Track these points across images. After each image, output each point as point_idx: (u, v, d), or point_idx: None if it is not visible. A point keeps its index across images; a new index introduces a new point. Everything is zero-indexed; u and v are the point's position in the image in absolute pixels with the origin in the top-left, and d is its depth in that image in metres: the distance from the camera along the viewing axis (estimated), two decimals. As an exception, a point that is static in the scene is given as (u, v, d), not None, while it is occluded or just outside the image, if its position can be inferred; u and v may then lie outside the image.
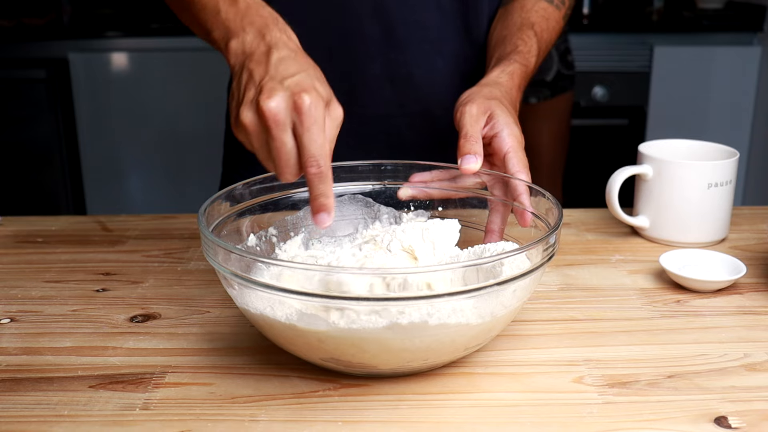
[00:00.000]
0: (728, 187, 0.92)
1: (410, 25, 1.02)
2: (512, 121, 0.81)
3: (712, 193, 0.91)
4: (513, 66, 0.91)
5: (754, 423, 0.59)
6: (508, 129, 0.80)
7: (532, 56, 0.95)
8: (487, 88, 0.86)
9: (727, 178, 0.91)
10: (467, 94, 0.85)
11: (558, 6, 1.04)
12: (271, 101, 0.63)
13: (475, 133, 0.79)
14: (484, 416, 0.60)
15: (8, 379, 0.66)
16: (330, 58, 1.02)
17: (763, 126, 2.58)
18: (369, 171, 0.83)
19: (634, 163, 0.96)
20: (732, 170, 0.92)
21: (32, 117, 2.59)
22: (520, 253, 0.63)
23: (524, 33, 0.97)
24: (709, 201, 0.91)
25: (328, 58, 1.02)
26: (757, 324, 0.75)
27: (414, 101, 1.06)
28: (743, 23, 2.60)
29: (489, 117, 0.81)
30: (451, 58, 1.05)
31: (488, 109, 0.81)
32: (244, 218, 0.77)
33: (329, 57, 1.02)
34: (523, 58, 0.93)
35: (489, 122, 0.81)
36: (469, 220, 0.81)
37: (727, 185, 0.92)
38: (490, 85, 0.87)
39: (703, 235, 0.93)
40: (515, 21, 1.00)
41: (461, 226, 0.74)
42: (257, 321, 0.65)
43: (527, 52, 0.94)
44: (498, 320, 0.64)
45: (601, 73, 2.53)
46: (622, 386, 0.64)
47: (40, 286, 0.84)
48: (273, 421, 0.60)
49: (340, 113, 0.68)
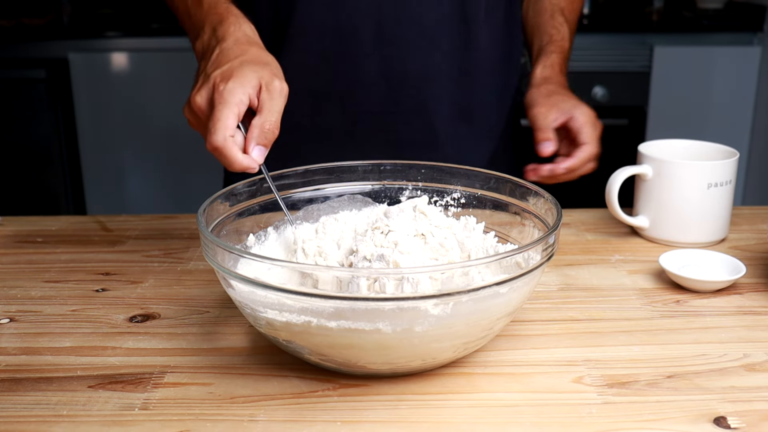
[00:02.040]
0: (728, 187, 0.92)
1: (405, 21, 1.02)
2: (576, 102, 0.98)
3: (711, 193, 0.91)
4: (552, 57, 1.06)
5: (753, 423, 0.59)
6: (578, 110, 0.97)
7: (566, 41, 1.10)
8: (542, 88, 1.02)
9: (727, 178, 0.91)
10: (530, 99, 1.01)
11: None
12: (197, 95, 0.75)
13: (547, 125, 0.96)
14: (484, 416, 0.60)
15: (7, 379, 0.66)
16: (324, 55, 1.02)
17: (763, 126, 2.58)
18: (369, 171, 0.83)
19: (634, 163, 0.96)
20: (732, 170, 0.92)
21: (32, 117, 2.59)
22: (520, 253, 0.63)
23: (555, 20, 1.11)
24: (709, 201, 0.91)
25: (322, 56, 1.02)
26: (756, 324, 0.75)
27: (409, 98, 1.06)
28: (743, 23, 2.60)
29: (557, 110, 0.97)
30: (448, 53, 1.05)
31: (553, 104, 0.98)
32: (243, 218, 0.77)
33: (324, 54, 1.02)
34: (558, 47, 1.08)
35: (558, 113, 0.97)
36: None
37: (726, 185, 0.91)
38: (543, 84, 1.03)
39: (703, 235, 0.93)
40: (546, 7, 1.13)
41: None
42: (256, 321, 0.65)
43: (561, 39, 1.09)
44: (496, 320, 0.64)
45: (601, 73, 2.53)
46: (622, 386, 0.64)
47: (40, 286, 0.84)
48: (272, 421, 0.60)
49: (281, 89, 0.75)
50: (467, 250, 0.73)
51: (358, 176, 0.83)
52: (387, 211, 0.76)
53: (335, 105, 1.06)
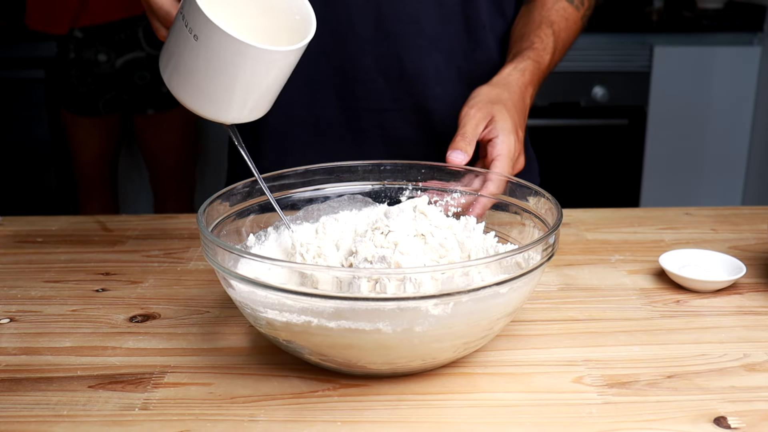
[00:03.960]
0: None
1: (403, 18, 1.02)
2: (510, 128, 0.86)
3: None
4: (525, 62, 0.96)
5: (753, 423, 0.59)
6: (503, 136, 0.85)
7: (547, 54, 0.99)
8: (495, 90, 0.91)
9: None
10: (475, 95, 0.90)
11: (577, 7, 1.07)
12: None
13: (471, 135, 0.85)
14: (484, 416, 0.60)
15: (8, 379, 0.66)
16: (323, 51, 1.02)
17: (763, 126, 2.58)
18: (369, 171, 0.83)
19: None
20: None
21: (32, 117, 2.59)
22: (520, 253, 0.63)
23: (542, 31, 1.01)
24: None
25: (321, 51, 1.02)
26: (756, 324, 0.75)
27: (408, 96, 1.06)
28: (743, 23, 2.60)
29: (489, 121, 0.86)
30: (448, 53, 1.05)
31: (490, 114, 0.87)
32: (243, 218, 0.77)
33: (322, 50, 1.02)
34: (537, 55, 0.98)
35: (488, 126, 0.86)
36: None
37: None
38: (500, 85, 0.92)
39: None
40: (534, 18, 1.04)
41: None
42: (257, 321, 0.65)
43: (542, 50, 0.99)
44: (496, 320, 0.64)
45: (601, 73, 2.53)
46: (622, 386, 0.64)
47: (40, 286, 0.84)
48: (272, 421, 0.60)
49: None
50: (467, 250, 0.73)
51: (358, 176, 0.83)
52: (387, 212, 0.76)
53: (333, 99, 1.06)
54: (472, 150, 0.84)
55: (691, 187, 2.64)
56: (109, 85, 2.16)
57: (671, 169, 2.59)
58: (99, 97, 2.17)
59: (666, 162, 2.58)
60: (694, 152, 2.60)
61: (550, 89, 2.48)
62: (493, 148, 0.85)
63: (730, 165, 2.64)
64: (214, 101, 0.71)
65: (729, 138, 2.61)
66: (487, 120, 0.86)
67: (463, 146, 0.83)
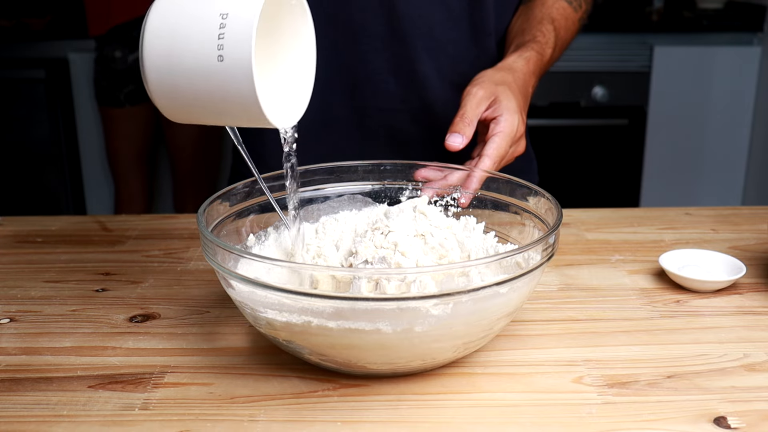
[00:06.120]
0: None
1: (415, 20, 1.02)
2: (514, 107, 0.85)
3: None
4: (529, 53, 0.96)
5: (753, 423, 0.59)
6: (507, 114, 0.84)
7: (549, 47, 1.00)
8: (500, 73, 0.90)
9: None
10: (479, 76, 0.89)
11: (576, 8, 1.07)
12: None
13: (471, 115, 0.84)
14: (484, 416, 0.60)
15: (7, 379, 0.66)
16: (334, 49, 1.02)
17: (763, 126, 2.58)
18: (369, 171, 0.83)
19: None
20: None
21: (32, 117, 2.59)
22: (520, 253, 0.63)
23: (544, 26, 1.02)
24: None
25: (332, 50, 1.02)
26: (756, 324, 0.75)
27: (417, 97, 1.06)
28: (743, 23, 2.60)
29: (493, 101, 0.86)
30: (456, 56, 1.05)
31: (493, 93, 0.86)
32: (243, 218, 0.77)
33: (333, 49, 1.02)
34: (539, 47, 0.98)
35: (492, 106, 0.85)
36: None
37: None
38: (505, 69, 0.92)
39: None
40: (536, 15, 1.04)
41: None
42: (257, 321, 0.65)
43: (545, 43, 0.99)
44: (496, 320, 0.64)
45: (601, 73, 2.53)
46: (622, 386, 0.64)
47: (40, 286, 0.84)
48: (272, 421, 0.60)
49: None
50: (467, 250, 0.73)
51: (358, 176, 0.83)
52: (387, 212, 0.76)
53: (343, 97, 1.06)
54: (472, 131, 0.83)
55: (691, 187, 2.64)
56: (126, 79, 2.25)
57: (671, 169, 2.59)
58: (118, 91, 2.28)
59: (666, 162, 2.58)
60: (694, 152, 2.60)
61: (550, 89, 2.48)
62: (496, 125, 0.84)
63: (730, 165, 2.64)
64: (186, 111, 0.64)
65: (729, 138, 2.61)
66: (489, 100, 0.86)
67: (461, 128, 0.82)
